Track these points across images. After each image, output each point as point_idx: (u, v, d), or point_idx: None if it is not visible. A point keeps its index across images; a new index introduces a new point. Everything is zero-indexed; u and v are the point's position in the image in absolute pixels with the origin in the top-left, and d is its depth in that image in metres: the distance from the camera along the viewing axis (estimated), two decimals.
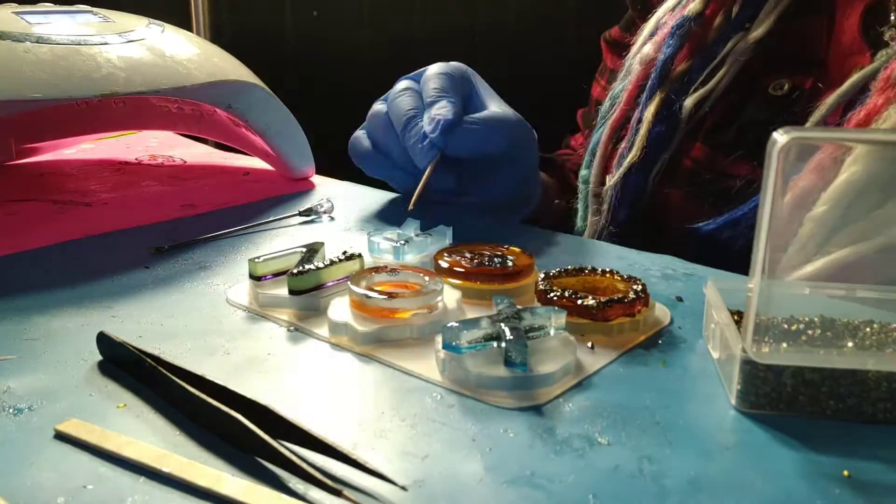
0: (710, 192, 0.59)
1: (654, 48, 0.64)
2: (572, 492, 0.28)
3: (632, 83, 0.65)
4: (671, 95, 0.62)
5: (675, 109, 0.61)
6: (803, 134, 0.31)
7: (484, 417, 0.33)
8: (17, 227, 0.58)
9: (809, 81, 0.57)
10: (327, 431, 0.31)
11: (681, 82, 0.62)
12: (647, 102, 0.63)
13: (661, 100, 0.62)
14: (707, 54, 0.62)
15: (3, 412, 0.33)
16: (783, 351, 0.33)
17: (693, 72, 0.62)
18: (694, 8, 0.63)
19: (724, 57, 0.60)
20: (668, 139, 0.62)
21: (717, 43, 0.61)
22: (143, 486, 0.28)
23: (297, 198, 0.67)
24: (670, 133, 0.62)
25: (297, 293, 0.42)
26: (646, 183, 0.63)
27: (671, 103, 0.62)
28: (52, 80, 0.57)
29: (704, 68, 0.61)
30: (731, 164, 0.58)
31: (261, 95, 0.69)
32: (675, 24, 0.63)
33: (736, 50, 0.60)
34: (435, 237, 0.50)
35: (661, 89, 0.62)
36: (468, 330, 0.35)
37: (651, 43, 0.65)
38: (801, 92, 0.57)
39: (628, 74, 0.66)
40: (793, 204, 0.46)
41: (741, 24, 0.61)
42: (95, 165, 0.79)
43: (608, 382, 0.36)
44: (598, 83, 0.81)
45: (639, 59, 0.65)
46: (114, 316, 0.43)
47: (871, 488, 0.29)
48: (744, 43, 0.60)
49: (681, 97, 0.61)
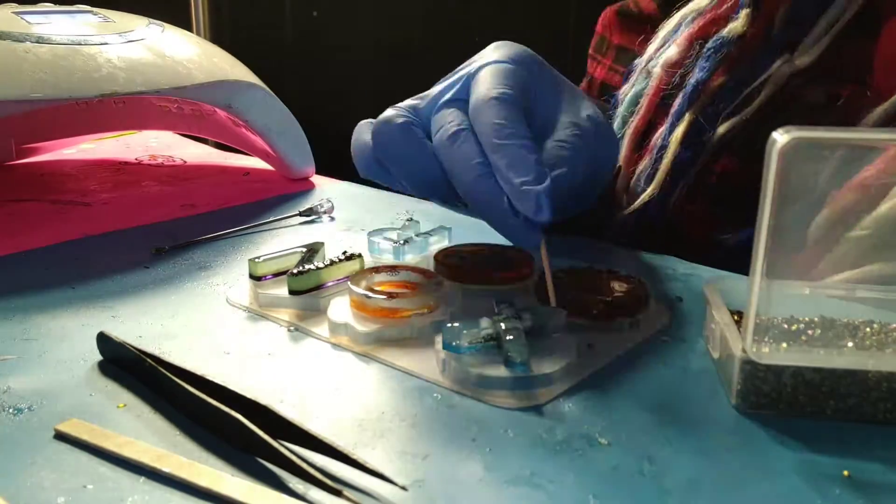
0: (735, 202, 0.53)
1: (680, 53, 0.59)
2: (572, 492, 0.28)
3: (653, 89, 0.60)
4: (700, 118, 0.56)
5: (703, 136, 0.56)
6: (803, 134, 0.31)
7: (484, 417, 0.33)
8: (17, 227, 0.58)
9: (847, 90, 0.52)
10: (327, 431, 0.31)
11: (711, 104, 0.56)
12: (673, 125, 0.57)
13: (689, 122, 0.56)
14: (743, 75, 0.56)
15: (3, 412, 0.33)
16: (783, 351, 0.33)
17: (726, 93, 0.56)
18: (736, 29, 0.57)
19: (764, 81, 0.54)
20: (692, 165, 0.56)
21: (755, 65, 0.55)
22: (143, 486, 0.28)
23: (297, 198, 0.67)
24: (694, 160, 0.56)
25: (297, 293, 0.42)
26: (664, 209, 0.57)
27: (699, 128, 0.56)
28: (52, 80, 0.57)
29: (739, 90, 0.55)
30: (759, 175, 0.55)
31: (261, 95, 0.69)
32: (713, 45, 0.57)
33: (777, 74, 0.54)
34: (435, 237, 0.50)
35: (691, 112, 0.57)
36: (468, 330, 0.35)
37: (675, 45, 0.59)
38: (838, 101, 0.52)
39: (648, 78, 0.61)
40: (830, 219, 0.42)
41: (781, 45, 0.55)
42: (95, 165, 0.79)
43: (608, 382, 0.36)
44: (600, 62, 0.72)
45: (661, 62, 0.60)
46: (114, 316, 0.43)
47: (871, 488, 0.29)
48: (788, 66, 0.54)
49: (710, 121, 0.56)
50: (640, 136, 0.61)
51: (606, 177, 0.51)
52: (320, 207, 0.61)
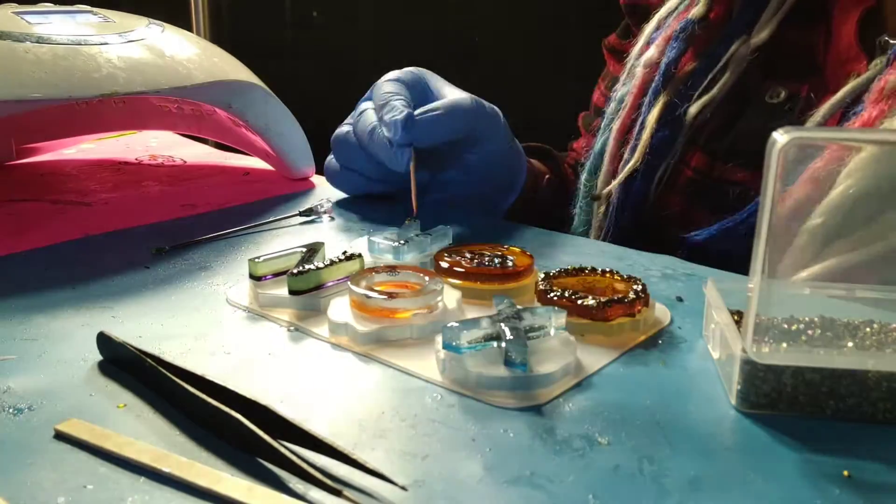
0: (709, 201, 0.59)
1: (658, 51, 0.64)
2: (572, 492, 0.28)
3: (636, 87, 0.65)
4: (675, 99, 0.62)
5: (678, 114, 0.61)
6: (803, 134, 0.31)
7: (484, 417, 0.33)
8: (17, 227, 0.58)
9: (805, 89, 0.57)
10: (327, 431, 0.31)
11: (684, 86, 0.62)
12: (650, 106, 0.63)
13: (664, 103, 0.62)
14: (710, 58, 0.61)
15: (3, 412, 0.33)
16: (783, 351, 0.33)
17: (696, 75, 0.62)
18: (698, 12, 0.62)
19: (727, 62, 0.60)
20: (670, 144, 0.62)
21: (719, 46, 0.61)
22: (143, 486, 0.28)
23: (298, 198, 0.67)
24: (673, 138, 0.62)
25: (297, 293, 0.42)
26: (648, 189, 0.63)
27: (675, 107, 0.61)
28: (52, 80, 0.57)
29: (707, 72, 0.61)
30: (729, 172, 0.58)
31: (261, 95, 0.69)
32: (679, 27, 0.63)
33: (738, 54, 0.60)
34: (435, 237, 0.50)
35: (665, 93, 0.62)
36: (468, 330, 0.35)
37: (654, 46, 0.65)
38: (797, 100, 0.57)
39: (632, 78, 0.66)
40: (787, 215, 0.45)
41: (742, 27, 0.61)
42: (95, 165, 0.79)
43: (608, 382, 0.36)
44: (598, 88, 0.81)
45: (643, 62, 0.65)
46: (114, 316, 0.43)
47: (871, 488, 0.29)
48: (745, 47, 0.60)
49: (684, 101, 0.61)
50: (626, 132, 0.65)
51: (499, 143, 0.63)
52: (320, 207, 0.61)
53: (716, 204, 0.58)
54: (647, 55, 0.65)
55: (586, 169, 0.69)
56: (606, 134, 0.67)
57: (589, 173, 0.68)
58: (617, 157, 0.66)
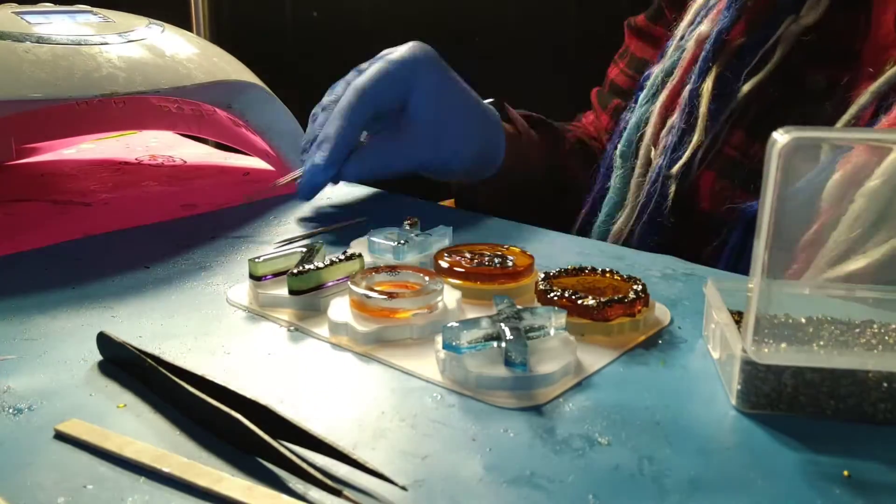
0: (746, 180, 0.59)
1: (710, 25, 0.63)
2: (572, 492, 0.28)
3: (686, 60, 0.64)
4: (726, 72, 0.61)
5: (729, 90, 0.60)
6: (803, 134, 0.31)
7: (484, 417, 0.33)
8: (17, 227, 0.58)
9: (846, 76, 0.56)
10: (327, 431, 0.31)
11: (736, 59, 0.61)
12: (701, 76, 0.62)
13: (716, 74, 0.61)
14: (760, 35, 0.61)
15: (3, 412, 0.33)
16: (783, 351, 0.33)
17: (746, 51, 0.61)
18: None
19: (776, 41, 0.59)
20: (718, 118, 0.61)
21: (768, 25, 0.61)
22: (143, 486, 0.28)
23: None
24: (721, 113, 0.61)
25: (297, 293, 0.42)
26: (692, 164, 0.62)
27: (726, 81, 0.61)
28: (52, 80, 0.57)
29: (758, 49, 0.60)
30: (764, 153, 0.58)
31: (261, 95, 0.69)
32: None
33: (787, 34, 0.59)
34: (435, 237, 0.50)
35: (717, 64, 0.61)
36: (468, 330, 0.35)
37: (707, 21, 0.64)
38: (838, 86, 0.56)
39: (680, 50, 0.65)
40: (844, 181, 0.45)
41: (790, 7, 0.60)
42: (95, 165, 0.79)
43: (608, 382, 0.36)
44: (617, 65, 0.79)
45: (695, 36, 0.64)
46: (114, 316, 0.43)
47: (871, 488, 0.29)
48: (795, 26, 0.59)
49: (735, 75, 0.60)
50: (673, 101, 0.64)
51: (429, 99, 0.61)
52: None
53: (753, 184, 0.57)
54: (700, 29, 0.64)
55: (622, 139, 0.67)
56: (648, 104, 0.66)
57: (626, 143, 0.66)
58: (660, 127, 0.64)
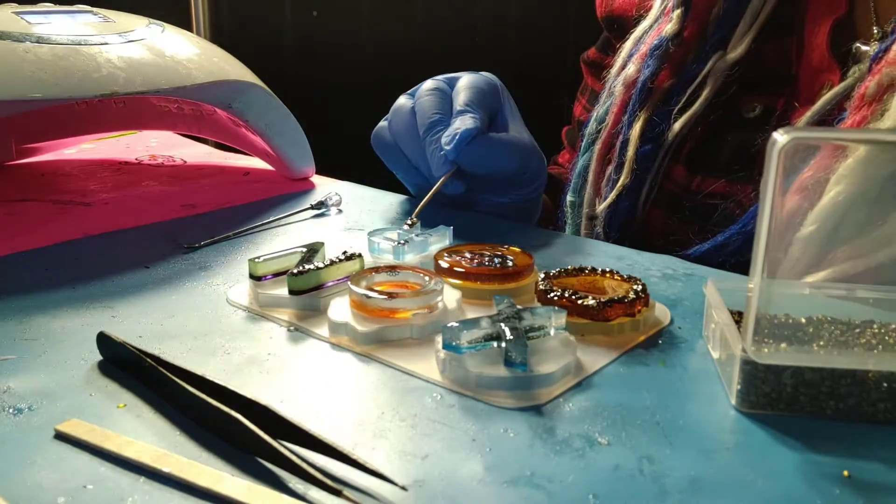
0: (694, 214, 0.60)
1: (636, 69, 0.64)
2: (572, 492, 0.28)
3: (616, 105, 0.65)
4: (654, 116, 0.62)
5: (658, 130, 0.62)
6: (803, 134, 0.31)
7: (484, 417, 0.33)
8: (17, 227, 0.58)
9: (781, 102, 0.58)
10: (327, 431, 0.31)
11: (663, 102, 0.62)
12: (630, 123, 0.63)
13: (644, 119, 0.62)
14: (687, 74, 0.62)
15: (3, 412, 0.33)
16: (783, 351, 0.33)
17: (674, 92, 0.62)
18: (670, 29, 0.62)
19: (705, 77, 0.61)
20: (653, 160, 0.62)
21: (696, 63, 0.62)
22: (143, 486, 0.28)
23: (298, 198, 0.67)
24: (655, 153, 0.62)
25: (297, 293, 0.42)
26: (636, 205, 0.63)
27: (655, 124, 0.62)
28: (52, 80, 0.57)
29: (685, 89, 0.61)
30: (708, 185, 0.59)
31: (261, 95, 0.69)
32: (653, 44, 0.63)
33: (715, 70, 0.60)
34: (435, 237, 0.50)
35: (644, 109, 0.63)
36: (468, 330, 0.35)
37: (632, 63, 0.65)
38: (772, 113, 0.58)
39: (612, 96, 0.66)
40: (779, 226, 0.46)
41: (717, 45, 0.61)
42: (95, 165, 0.79)
43: (608, 382, 0.36)
44: (580, 102, 0.81)
45: (622, 80, 0.65)
46: (114, 316, 0.43)
47: (871, 488, 0.29)
48: (722, 63, 0.60)
49: (664, 117, 0.62)
50: (608, 149, 0.66)
51: (537, 188, 0.63)
52: (329, 200, 0.62)
53: (699, 217, 0.59)
54: (626, 73, 0.65)
55: (570, 188, 0.69)
56: (588, 153, 0.67)
57: (573, 192, 0.69)
58: (601, 176, 0.66)
